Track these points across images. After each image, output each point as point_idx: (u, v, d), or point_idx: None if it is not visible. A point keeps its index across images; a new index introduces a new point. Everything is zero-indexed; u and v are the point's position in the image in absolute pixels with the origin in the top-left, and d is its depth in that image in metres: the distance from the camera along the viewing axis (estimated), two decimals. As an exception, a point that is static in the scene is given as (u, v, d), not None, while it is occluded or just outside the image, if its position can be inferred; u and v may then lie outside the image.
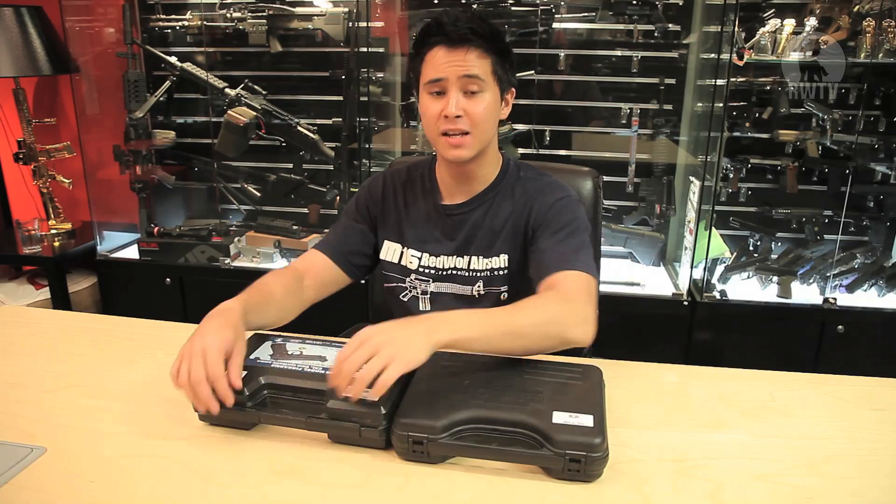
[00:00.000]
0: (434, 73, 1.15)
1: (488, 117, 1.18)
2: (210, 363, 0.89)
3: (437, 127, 1.17)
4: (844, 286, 2.28)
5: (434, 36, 1.15)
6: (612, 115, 2.44)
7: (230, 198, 2.70)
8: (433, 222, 1.30)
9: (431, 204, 1.30)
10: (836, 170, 2.32)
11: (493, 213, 1.26)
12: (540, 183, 1.27)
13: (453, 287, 1.29)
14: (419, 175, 1.33)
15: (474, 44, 1.13)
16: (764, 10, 2.21)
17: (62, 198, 2.67)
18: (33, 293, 2.60)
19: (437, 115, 1.16)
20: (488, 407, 0.89)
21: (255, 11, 2.43)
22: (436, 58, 1.15)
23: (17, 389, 1.06)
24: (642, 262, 2.51)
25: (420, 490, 0.83)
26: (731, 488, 0.84)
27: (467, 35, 1.13)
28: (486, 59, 1.15)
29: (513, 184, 1.27)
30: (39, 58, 2.36)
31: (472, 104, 1.15)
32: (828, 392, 1.08)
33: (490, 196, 1.27)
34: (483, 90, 1.16)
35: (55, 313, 1.46)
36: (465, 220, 1.27)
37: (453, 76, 1.14)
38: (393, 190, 1.33)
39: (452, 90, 1.15)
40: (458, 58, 1.13)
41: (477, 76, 1.14)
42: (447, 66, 1.14)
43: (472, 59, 1.14)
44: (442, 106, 1.15)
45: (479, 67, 1.14)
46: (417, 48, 1.19)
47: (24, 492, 0.81)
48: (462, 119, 1.15)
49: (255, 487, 0.83)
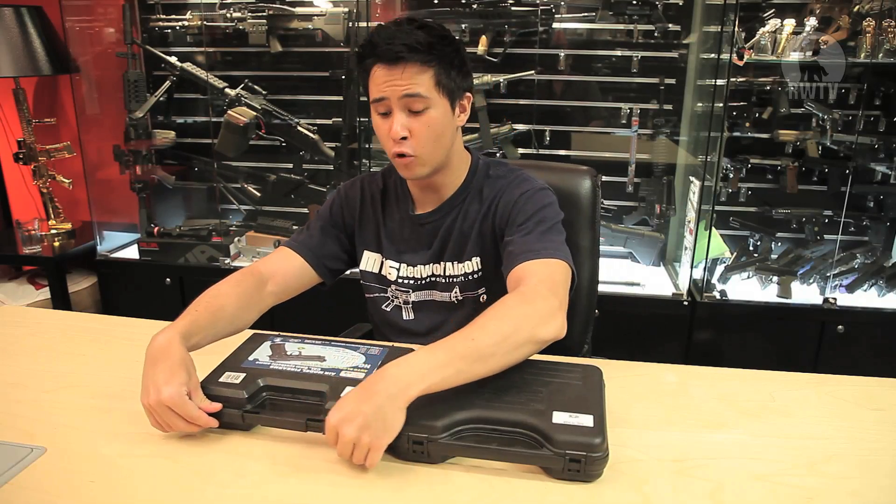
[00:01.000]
0: (376, 92, 1.11)
1: (437, 134, 1.13)
2: (184, 413, 0.89)
3: (389, 147, 1.14)
4: (844, 286, 2.28)
5: (369, 57, 1.11)
6: (612, 115, 2.44)
7: (230, 198, 2.70)
8: (407, 232, 1.27)
9: (405, 213, 1.27)
10: (836, 170, 2.32)
11: (462, 216, 1.24)
12: (506, 180, 1.23)
13: (433, 294, 1.27)
14: (392, 183, 1.30)
15: (411, 60, 1.08)
16: (764, 10, 2.21)
17: (62, 198, 2.67)
18: (33, 293, 2.60)
19: (386, 134, 1.13)
20: (488, 407, 0.89)
21: (255, 11, 2.43)
22: (376, 76, 1.11)
23: (17, 389, 1.06)
24: (642, 262, 2.51)
25: (420, 490, 0.83)
26: (731, 488, 0.84)
27: (401, 53, 1.07)
28: (427, 73, 1.09)
29: (481, 185, 1.24)
30: (39, 58, 2.36)
31: (417, 124, 1.11)
32: (828, 392, 1.08)
33: (459, 200, 1.24)
34: (428, 106, 1.10)
35: (55, 313, 1.46)
36: (438, 227, 1.25)
37: (394, 96, 1.10)
38: (371, 198, 1.30)
39: (395, 110, 1.11)
40: (395, 76, 1.08)
41: (418, 94, 1.09)
42: (387, 87, 1.09)
43: (411, 75, 1.08)
44: (389, 126, 1.11)
45: (420, 84, 1.09)
46: (359, 65, 1.15)
47: (24, 492, 0.81)
48: (408, 141, 1.12)
49: (255, 487, 0.83)
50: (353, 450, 0.84)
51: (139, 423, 0.96)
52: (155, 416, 0.91)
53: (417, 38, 1.08)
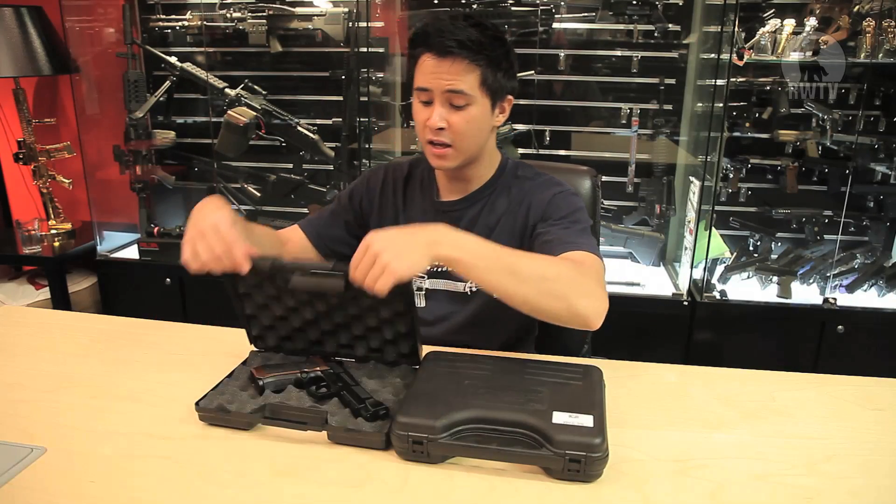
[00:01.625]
0: (422, 81, 1.13)
1: (474, 131, 1.15)
2: (224, 233, 0.95)
3: (424, 134, 1.17)
4: (844, 286, 2.28)
5: (419, 46, 1.13)
6: (612, 115, 2.44)
7: (230, 198, 2.70)
8: (429, 218, 1.29)
9: (429, 200, 1.30)
10: (836, 170, 2.32)
11: (488, 210, 1.26)
12: (536, 181, 1.26)
13: (447, 284, 1.28)
14: (419, 172, 1.33)
15: (460, 56, 1.09)
16: (764, 10, 2.21)
17: (62, 198, 2.67)
18: (33, 293, 2.60)
19: (423, 122, 1.15)
20: (488, 407, 0.89)
21: (255, 11, 2.43)
22: (424, 65, 1.13)
23: (17, 389, 1.06)
24: (642, 262, 2.51)
25: (420, 490, 0.83)
26: (731, 488, 0.84)
27: (452, 48, 1.09)
28: (474, 72, 1.11)
29: (509, 182, 1.27)
30: (39, 58, 2.36)
31: (456, 118, 1.13)
32: (828, 392, 1.08)
33: (486, 194, 1.26)
34: (470, 103, 1.12)
35: (55, 313, 1.46)
36: (461, 216, 1.27)
37: (438, 89, 1.12)
38: (393, 185, 1.33)
39: (437, 101, 1.13)
40: (443, 70, 1.10)
41: (462, 91, 1.11)
42: (433, 78, 1.11)
43: (458, 71, 1.10)
44: (428, 115, 1.14)
45: (465, 82, 1.11)
46: (410, 51, 1.17)
47: (24, 492, 0.81)
48: (445, 132, 1.14)
49: (255, 487, 0.83)
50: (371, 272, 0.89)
51: (139, 423, 0.96)
52: (197, 243, 0.95)
53: (470, 35, 1.09)
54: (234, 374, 1.06)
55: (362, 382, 1.03)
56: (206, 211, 0.99)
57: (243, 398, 0.99)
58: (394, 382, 1.04)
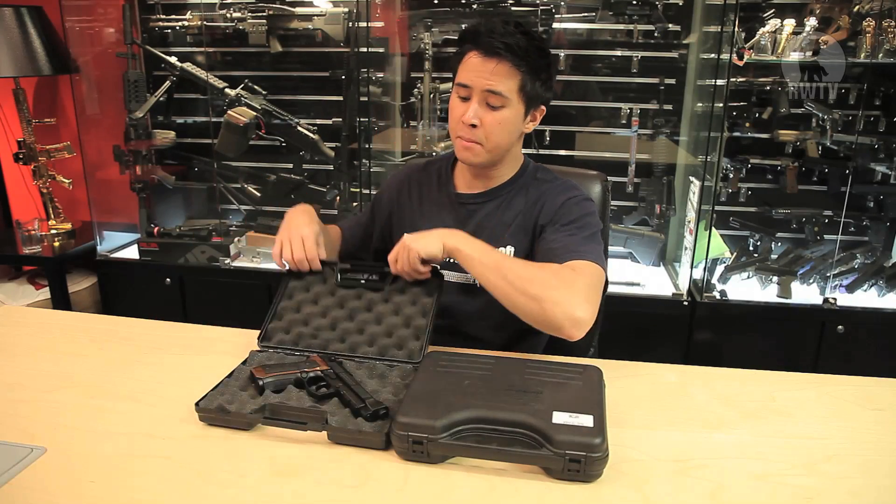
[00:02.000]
0: (463, 77, 1.17)
1: (504, 133, 1.19)
2: (308, 248, 1.22)
3: (456, 128, 1.20)
4: (844, 286, 2.28)
5: (468, 42, 1.17)
6: (612, 115, 2.44)
7: (230, 198, 2.70)
8: (446, 211, 1.33)
9: (446, 193, 1.34)
10: (836, 170, 2.32)
11: (505, 207, 1.29)
12: (553, 184, 1.30)
13: (458, 276, 1.30)
14: (436, 168, 1.38)
15: (505, 58, 1.13)
16: (764, 10, 2.21)
17: (62, 198, 2.67)
18: (33, 293, 2.60)
19: (459, 117, 1.19)
20: (488, 407, 0.89)
21: (255, 11, 2.43)
22: (469, 62, 1.17)
23: (17, 389, 1.06)
24: (642, 262, 2.51)
25: (420, 490, 0.83)
26: (731, 488, 0.84)
27: (499, 49, 1.13)
28: (515, 77, 1.15)
29: (528, 183, 1.30)
30: (39, 58, 2.36)
31: (490, 118, 1.17)
32: (828, 392, 1.08)
33: (504, 191, 1.30)
34: (505, 106, 1.17)
35: (55, 313, 1.47)
36: (478, 210, 1.30)
37: (478, 87, 1.16)
38: (408, 186, 1.39)
39: (475, 99, 1.17)
40: (486, 69, 1.14)
41: (500, 93, 1.15)
42: (475, 76, 1.16)
43: (501, 73, 1.14)
44: (464, 111, 1.18)
45: (505, 84, 1.15)
46: (458, 46, 1.21)
47: (24, 492, 0.81)
48: (477, 130, 1.17)
49: (255, 487, 0.83)
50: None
51: (139, 423, 0.96)
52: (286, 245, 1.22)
53: (518, 40, 1.14)
54: (234, 374, 1.07)
55: (362, 382, 1.03)
56: (301, 221, 1.25)
57: (243, 398, 0.99)
58: (394, 382, 1.04)
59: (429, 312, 1.16)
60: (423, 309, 1.18)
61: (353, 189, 2.50)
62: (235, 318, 1.31)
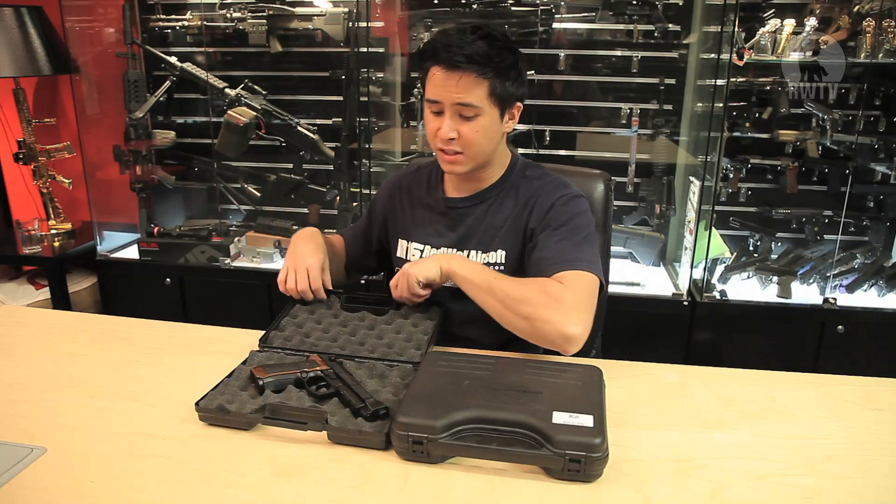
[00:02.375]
0: (432, 93, 1.17)
1: (483, 140, 1.18)
2: (313, 279, 1.23)
3: (434, 142, 1.20)
4: (844, 286, 2.27)
5: (429, 60, 1.16)
6: (612, 115, 2.44)
7: (230, 198, 2.70)
8: (437, 215, 1.33)
9: (435, 198, 1.33)
10: (836, 170, 2.31)
11: (496, 209, 1.28)
12: (543, 182, 1.27)
13: None
14: (426, 173, 1.38)
15: (469, 69, 1.12)
16: (764, 10, 2.21)
17: (62, 198, 2.67)
18: (33, 293, 2.60)
19: (434, 132, 1.19)
20: (488, 407, 0.89)
21: (255, 11, 2.43)
22: (434, 78, 1.16)
23: (17, 389, 1.06)
24: (642, 262, 2.51)
25: (420, 490, 0.83)
26: (731, 488, 0.84)
27: (460, 62, 1.11)
28: (482, 85, 1.14)
29: (517, 182, 1.29)
30: (39, 58, 2.36)
31: (466, 128, 1.16)
32: (828, 392, 1.08)
33: (494, 193, 1.29)
34: (479, 114, 1.16)
35: (55, 313, 1.46)
36: (468, 213, 1.29)
37: (447, 101, 1.15)
38: (399, 190, 1.39)
39: (447, 113, 1.16)
40: (451, 83, 1.13)
41: (470, 104, 1.14)
42: (442, 91, 1.15)
43: (467, 85, 1.13)
44: (438, 125, 1.17)
45: (474, 95, 1.14)
46: (420, 63, 1.20)
47: (24, 492, 0.81)
48: (456, 141, 1.17)
49: (255, 487, 0.83)
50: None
51: (139, 423, 0.96)
52: (291, 274, 1.23)
53: (478, 49, 1.12)
54: (234, 374, 1.06)
55: (362, 382, 1.03)
56: (307, 250, 1.25)
57: (243, 398, 0.99)
58: (394, 382, 1.04)
59: (429, 332, 1.18)
60: (424, 329, 1.20)
61: (353, 189, 2.50)
62: (235, 318, 1.31)
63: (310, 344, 1.16)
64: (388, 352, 1.14)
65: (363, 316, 1.25)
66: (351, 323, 1.23)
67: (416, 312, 1.24)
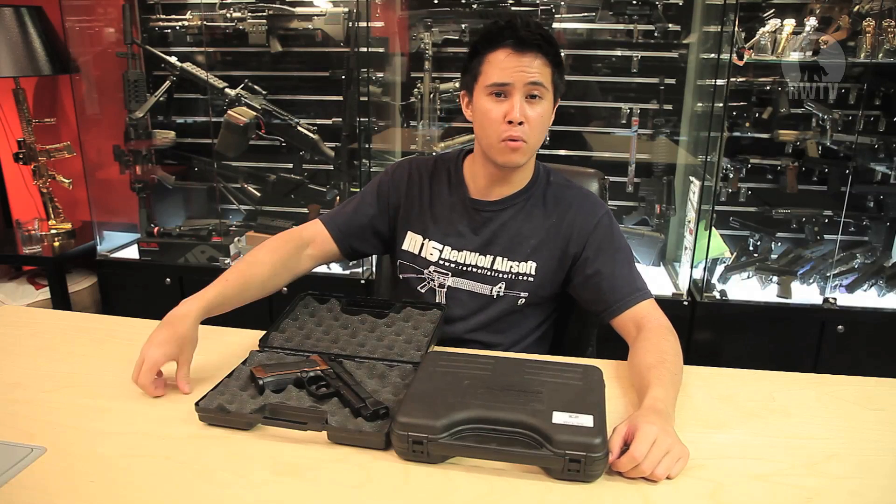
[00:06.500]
0: (499, 76, 1.13)
1: (543, 127, 1.18)
2: (142, 375, 1.01)
3: (498, 130, 1.15)
4: (844, 286, 2.28)
5: (503, 38, 1.13)
6: (612, 115, 2.44)
7: (230, 198, 2.70)
8: (459, 215, 1.28)
9: (458, 197, 1.29)
10: (836, 170, 2.31)
11: (525, 217, 1.26)
12: (571, 193, 1.28)
13: (472, 285, 1.28)
14: (445, 168, 1.32)
15: (542, 50, 1.13)
16: (764, 10, 2.21)
17: (62, 198, 2.67)
18: (33, 293, 2.60)
19: (501, 118, 1.14)
20: (488, 407, 0.89)
21: (255, 11, 2.43)
22: (501, 60, 1.13)
23: (17, 389, 1.06)
24: (642, 262, 2.51)
25: (420, 490, 0.83)
26: (731, 488, 0.84)
27: (538, 41, 1.12)
28: (548, 68, 1.15)
29: (543, 190, 1.28)
30: (39, 58, 2.36)
31: (532, 112, 1.15)
32: (828, 392, 1.08)
33: (522, 199, 1.27)
34: (543, 97, 1.15)
35: (55, 313, 1.46)
36: (494, 218, 1.27)
37: (520, 82, 1.13)
38: (419, 179, 1.32)
39: (517, 95, 1.14)
40: (525, 63, 1.12)
41: (541, 84, 1.14)
42: (514, 71, 1.12)
43: (539, 65, 1.13)
44: (505, 110, 1.14)
45: (544, 75, 1.14)
46: (479, 47, 1.17)
47: (24, 492, 0.81)
48: (522, 127, 1.15)
49: (255, 487, 0.83)
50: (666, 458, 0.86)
51: (139, 423, 0.96)
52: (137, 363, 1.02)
53: (544, 32, 1.13)
54: (234, 374, 1.06)
55: (362, 382, 1.03)
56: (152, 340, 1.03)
57: (243, 398, 0.99)
58: (394, 382, 1.04)
59: (429, 333, 1.18)
60: (425, 330, 1.20)
61: (353, 189, 2.50)
62: (235, 318, 1.31)
63: (310, 345, 1.16)
64: (388, 352, 1.14)
65: (363, 318, 1.25)
66: (351, 325, 1.23)
67: (415, 314, 1.24)
